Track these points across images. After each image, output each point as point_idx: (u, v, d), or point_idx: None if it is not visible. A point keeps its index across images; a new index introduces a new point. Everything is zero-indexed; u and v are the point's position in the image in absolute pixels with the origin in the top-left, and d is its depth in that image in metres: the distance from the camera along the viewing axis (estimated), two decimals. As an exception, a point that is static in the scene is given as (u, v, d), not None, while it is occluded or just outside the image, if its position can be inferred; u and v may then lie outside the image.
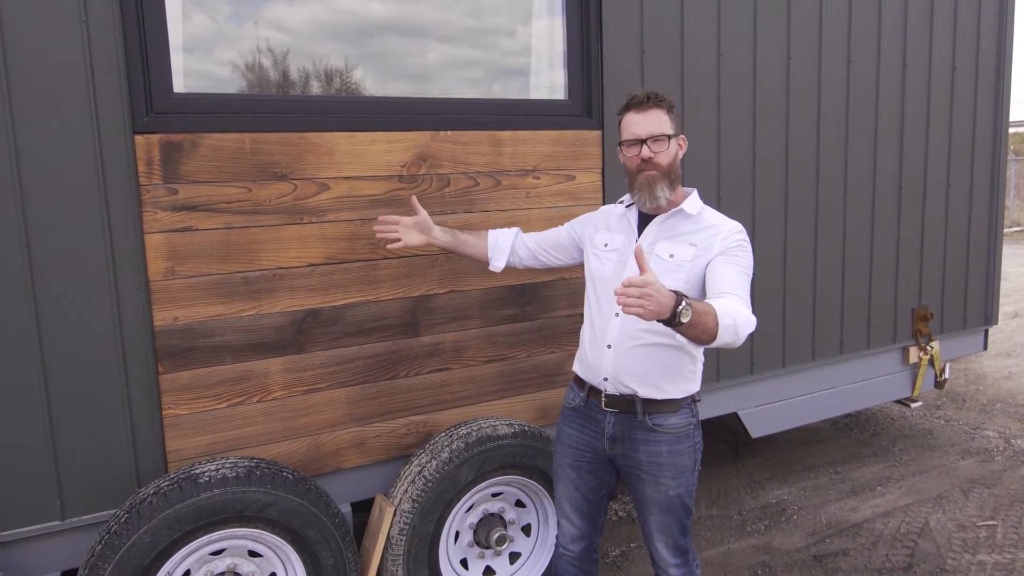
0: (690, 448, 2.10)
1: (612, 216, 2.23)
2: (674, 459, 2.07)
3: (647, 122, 2.03)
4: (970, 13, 3.99)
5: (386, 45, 2.69)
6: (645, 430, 2.07)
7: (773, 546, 3.36)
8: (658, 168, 2.03)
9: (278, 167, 2.38)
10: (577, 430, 2.21)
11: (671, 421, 2.07)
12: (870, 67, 3.66)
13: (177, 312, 2.28)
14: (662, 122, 2.03)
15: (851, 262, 3.74)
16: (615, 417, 2.11)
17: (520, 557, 2.81)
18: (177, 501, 2.11)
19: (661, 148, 2.03)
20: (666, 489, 2.08)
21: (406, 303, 2.63)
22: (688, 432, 2.10)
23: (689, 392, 2.11)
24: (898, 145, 3.83)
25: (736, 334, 1.81)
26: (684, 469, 2.09)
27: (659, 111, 2.04)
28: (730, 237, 2.03)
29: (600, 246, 2.19)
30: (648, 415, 2.06)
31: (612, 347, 2.08)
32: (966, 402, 5.27)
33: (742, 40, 3.25)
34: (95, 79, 2.11)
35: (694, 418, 2.13)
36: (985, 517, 3.56)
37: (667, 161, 2.04)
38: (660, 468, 2.07)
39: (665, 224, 2.09)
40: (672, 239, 2.06)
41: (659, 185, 2.04)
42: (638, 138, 2.04)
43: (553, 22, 2.93)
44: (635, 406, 2.06)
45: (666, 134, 2.03)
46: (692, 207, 2.08)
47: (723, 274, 1.97)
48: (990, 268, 4.34)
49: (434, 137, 2.62)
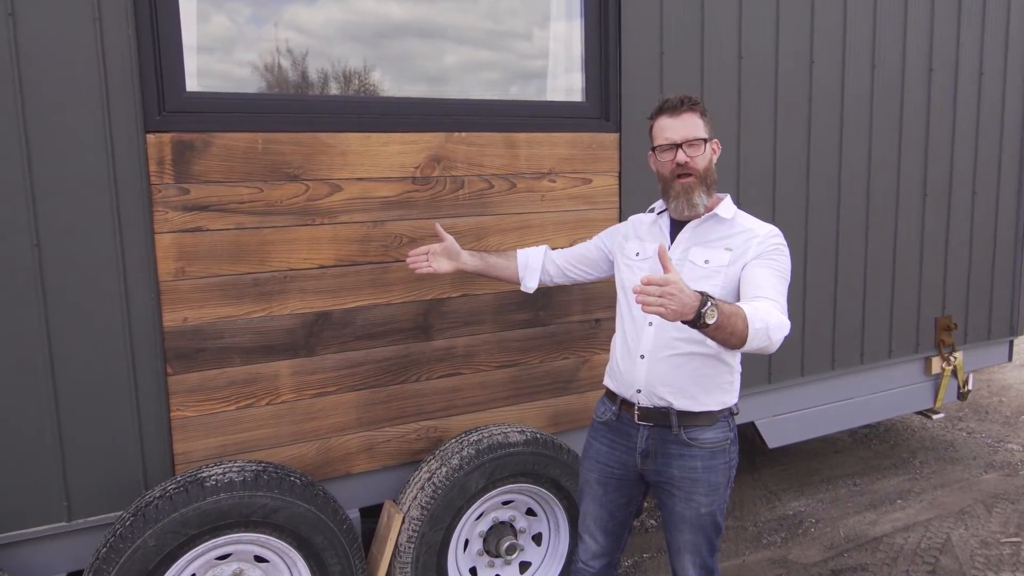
0: (725, 464, 2.03)
1: (643, 225, 2.19)
2: (709, 475, 2.00)
3: (681, 126, 1.98)
4: (999, 16, 3.90)
5: (404, 47, 2.67)
6: (680, 444, 2.01)
7: (789, 559, 3.29)
8: (695, 173, 1.99)
9: (290, 167, 2.36)
10: (607, 445, 2.15)
11: (707, 435, 2.01)
12: (895, 70, 3.59)
13: (187, 313, 2.26)
14: (697, 126, 1.99)
15: (873, 269, 3.66)
16: (648, 431, 2.05)
17: (531, 567, 2.76)
18: (183, 505, 2.08)
19: (697, 152, 1.98)
20: (698, 506, 2.01)
21: (418, 306, 2.60)
22: (724, 447, 2.03)
23: (726, 404, 2.04)
24: (923, 150, 3.75)
25: (768, 338, 1.73)
26: (718, 486, 2.02)
27: (693, 115, 1.99)
28: (767, 241, 1.97)
29: (632, 256, 2.15)
30: (684, 428, 2.00)
31: (646, 357, 2.02)
32: (989, 414, 5.16)
33: (764, 42, 3.19)
34: (107, 77, 2.10)
35: (731, 432, 2.06)
36: (1009, 533, 3.47)
37: (703, 165, 1.99)
38: (694, 484, 2.01)
39: (699, 230, 2.04)
40: (706, 244, 2.01)
41: (696, 192, 1.99)
42: (672, 143, 1.98)
43: (571, 24, 2.89)
44: (670, 419, 2.00)
45: (701, 138, 1.98)
46: (726, 211, 2.03)
47: (757, 277, 1.91)
48: (1016, 277, 4.24)
49: (448, 138, 2.58)
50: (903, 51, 3.59)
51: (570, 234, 2.83)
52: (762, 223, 2.04)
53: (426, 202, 2.56)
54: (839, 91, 3.43)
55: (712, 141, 2.04)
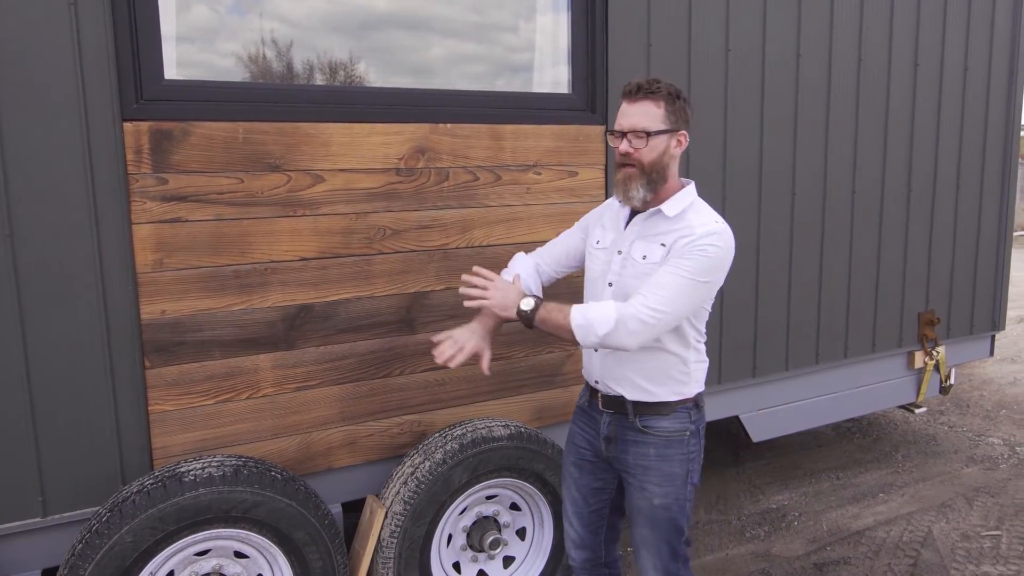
0: (681, 455, 2.00)
1: (610, 210, 2.13)
2: (661, 464, 1.99)
3: (632, 114, 1.88)
4: (984, 13, 3.91)
5: (388, 39, 2.63)
6: (635, 431, 2.02)
7: (773, 553, 3.30)
8: (636, 165, 1.89)
9: (272, 158, 2.32)
10: (581, 429, 2.18)
11: (663, 424, 2.00)
12: (881, 66, 3.59)
13: (165, 305, 2.22)
14: (649, 115, 1.87)
15: (858, 264, 3.67)
16: (610, 417, 2.07)
17: (514, 561, 2.75)
18: (161, 500, 2.05)
19: (641, 144, 1.87)
20: (651, 497, 2.00)
21: (401, 299, 2.57)
22: (681, 438, 2.01)
23: (684, 395, 2.00)
24: (908, 146, 3.76)
25: (594, 334, 1.84)
26: (672, 477, 1.99)
27: (649, 103, 1.87)
28: (697, 241, 1.85)
29: (593, 243, 2.12)
30: (639, 416, 2.01)
31: (598, 350, 2.03)
32: (970, 408, 5.20)
33: (751, 36, 3.18)
34: (83, 63, 2.05)
35: (692, 424, 2.03)
36: (989, 527, 3.50)
37: (649, 159, 1.88)
38: (646, 472, 2.00)
39: (645, 223, 1.98)
40: (648, 239, 1.95)
41: (634, 184, 1.90)
42: (621, 130, 1.90)
43: (557, 17, 2.86)
44: (626, 407, 2.02)
45: (648, 130, 1.86)
46: (672, 208, 1.93)
47: (652, 276, 1.87)
48: (999, 272, 4.27)
49: (433, 130, 2.55)
50: (889, 46, 3.59)
51: (556, 227, 2.80)
52: (706, 219, 1.91)
53: (410, 194, 2.53)
54: (825, 86, 3.43)
55: (673, 133, 1.90)
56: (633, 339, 1.83)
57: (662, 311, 1.82)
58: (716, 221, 1.92)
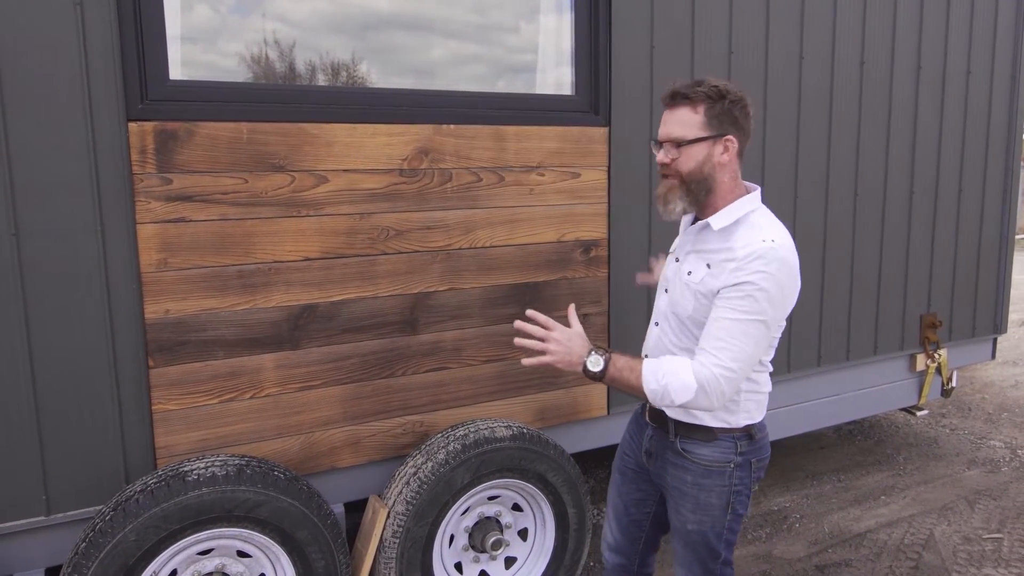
0: (721, 487, 1.85)
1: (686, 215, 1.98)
2: (698, 493, 1.86)
3: (668, 122, 1.79)
4: (986, 16, 3.91)
5: (390, 40, 2.64)
6: (675, 453, 1.90)
7: (774, 555, 3.30)
8: (675, 175, 1.79)
9: (276, 158, 2.32)
10: (630, 435, 2.10)
11: (703, 452, 1.85)
12: (883, 69, 3.59)
13: (169, 305, 2.22)
14: (685, 123, 1.75)
15: (860, 266, 3.67)
16: (653, 431, 1.97)
17: (516, 562, 2.75)
18: (164, 499, 2.05)
19: (675, 155, 1.77)
20: (684, 521, 1.90)
21: (404, 300, 2.57)
22: (723, 469, 1.85)
23: (728, 423, 1.84)
24: (910, 149, 3.76)
25: (669, 399, 1.69)
26: (708, 507, 1.86)
27: (686, 109, 1.76)
28: (741, 269, 1.69)
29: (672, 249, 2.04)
30: (679, 438, 1.88)
31: (648, 356, 1.95)
32: (972, 411, 5.20)
33: (754, 38, 3.19)
34: (89, 64, 2.06)
35: (737, 456, 1.85)
36: (991, 530, 3.50)
37: (686, 169, 1.76)
38: (682, 497, 1.89)
39: (698, 235, 1.86)
40: (697, 254, 1.83)
41: (674, 195, 1.79)
42: (659, 139, 1.82)
43: (560, 18, 2.87)
44: (667, 425, 1.90)
45: (681, 139, 1.75)
46: (720, 220, 1.78)
47: (711, 324, 1.72)
48: (1001, 275, 4.27)
49: (437, 131, 2.56)
50: (892, 49, 3.60)
51: (559, 228, 2.81)
52: (751, 238, 1.73)
53: (413, 195, 2.54)
54: (828, 89, 3.43)
55: (716, 140, 1.76)
56: (715, 403, 1.69)
57: (735, 368, 1.67)
58: (763, 239, 1.71)
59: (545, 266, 2.81)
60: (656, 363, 1.72)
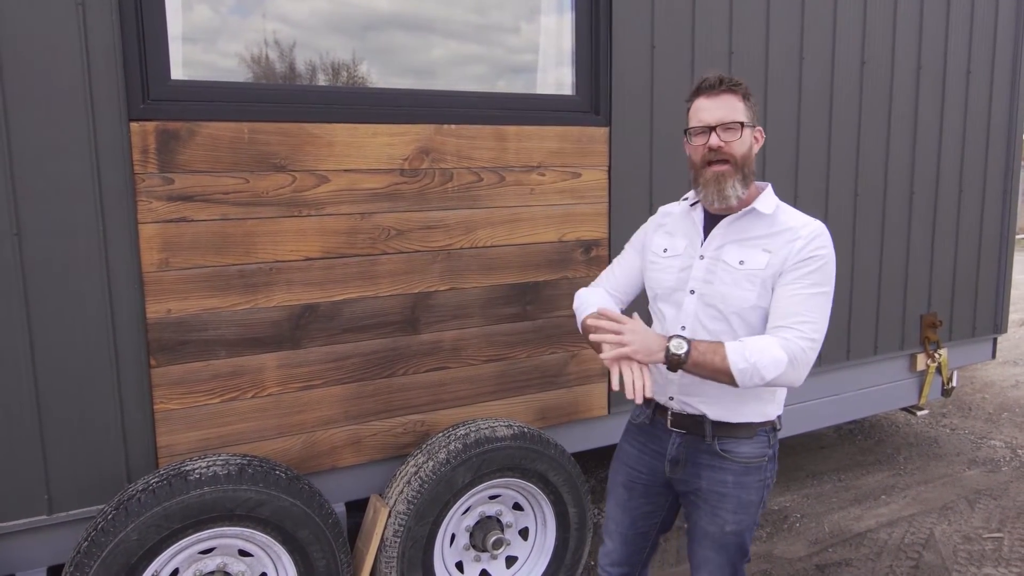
0: (759, 482, 1.88)
1: (671, 216, 2.01)
2: (739, 492, 1.86)
3: (717, 107, 1.79)
4: (987, 16, 3.92)
5: (391, 40, 2.64)
6: (712, 455, 1.87)
7: (775, 554, 3.30)
8: (730, 160, 1.78)
9: (277, 158, 2.33)
10: (638, 449, 2.02)
11: (743, 449, 1.86)
12: (884, 68, 3.59)
13: (170, 305, 2.23)
14: (735, 109, 1.79)
15: (860, 266, 3.67)
16: (680, 438, 1.91)
17: (517, 561, 2.76)
18: (166, 498, 2.06)
19: (733, 137, 1.77)
20: (723, 524, 1.88)
21: (405, 300, 2.58)
22: (761, 464, 1.87)
23: (768, 416, 1.87)
24: (911, 148, 3.76)
25: (762, 378, 1.69)
26: (748, 505, 1.87)
27: (732, 96, 1.80)
28: (807, 246, 1.76)
29: (659, 252, 1.97)
30: (718, 439, 1.86)
31: None
32: (972, 411, 5.20)
33: (754, 38, 3.19)
34: (90, 64, 2.06)
35: (770, 449, 1.89)
36: (991, 529, 3.50)
37: (741, 152, 1.79)
38: (722, 499, 1.87)
39: (735, 225, 1.85)
40: (743, 243, 1.82)
41: (729, 181, 1.79)
42: (706, 125, 1.79)
43: (561, 18, 2.88)
44: (704, 428, 1.86)
45: (739, 121, 1.79)
46: (766, 205, 1.82)
47: (782, 300, 1.75)
48: (1001, 275, 4.27)
49: (438, 131, 2.56)
50: (892, 49, 3.60)
51: (559, 228, 2.82)
52: (805, 220, 1.82)
53: (414, 194, 2.54)
54: (828, 88, 3.44)
55: (755, 128, 1.85)
56: (800, 377, 1.73)
57: (817, 339, 1.73)
58: (813, 220, 1.83)
59: (546, 266, 2.81)
60: (739, 343, 1.72)
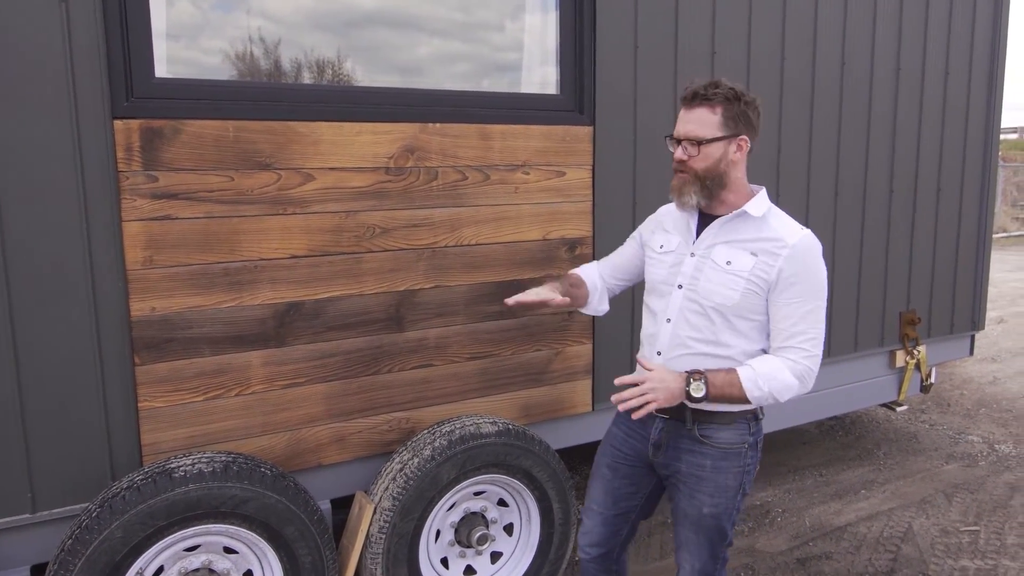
0: (737, 468, 1.97)
1: (670, 216, 2.11)
2: (716, 476, 1.96)
3: (688, 121, 1.90)
4: (965, 18, 3.98)
5: (374, 37, 2.65)
6: (692, 440, 1.97)
7: (756, 548, 3.34)
8: (689, 172, 1.90)
9: (262, 156, 2.33)
10: (624, 431, 2.13)
11: (722, 435, 1.95)
12: (863, 69, 3.64)
13: (155, 302, 2.23)
14: (704, 123, 1.87)
15: (840, 264, 3.72)
16: (663, 423, 2.01)
17: (502, 556, 2.78)
18: (151, 496, 2.06)
19: (692, 153, 1.88)
20: (700, 506, 1.97)
21: (390, 298, 2.59)
22: (739, 451, 1.97)
23: (747, 406, 1.94)
24: (890, 148, 3.82)
25: (774, 399, 1.85)
26: (725, 489, 1.96)
27: (704, 109, 1.87)
28: (796, 257, 1.86)
29: (656, 248, 2.08)
30: (698, 425, 1.95)
31: (662, 354, 2.00)
32: (951, 406, 5.29)
33: (736, 39, 3.22)
34: (73, 61, 2.05)
35: (750, 437, 1.99)
36: (968, 522, 3.56)
37: (702, 167, 1.89)
38: (699, 482, 1.97)
39: (726, 227, 1.95)
40: (732, 244, 1.92)
41: (688, 189, 1.91)
42: (677, 136, 1.92)
43: (545, 17, 2.89)
44: (685, 414, 1.95)
45: (701, 139, 1.87)
46: (756, 208, 1.92)
47: (781, 316, 1.88)
48: (978, 273, 4.34)
49: (423, 129, 2.57)
50: (872, 50, 3.65)
51: (544, 226, 2.84)
52: (794, 227, 1.92)
53: (399, 193, 2.56)
54: (809, 88, 3.48)
55: (732, 139, 1.89)
56: (809, 387, 1.89)
57: (819, 352, 1.87)
58: (802, 228, 1.92)
59: (530, 264, 2.83)
60: (751, 371, 1.85)
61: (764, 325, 1.94)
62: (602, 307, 2.31)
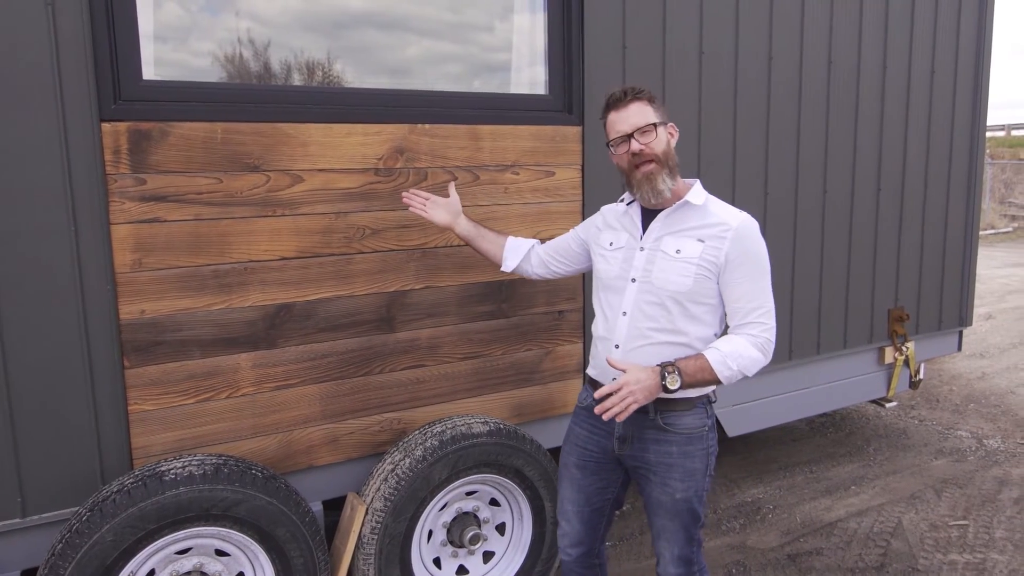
0: (702, 451, 2.05)
1: (614, 215, 2.19)
2: (684, 461, 2.03)
3: (630, 116, 1.99)
4: (950, 17, 4.01)
5: (364, 39, 2.65)
6: (656, 429, 2.03)
7: (748, 545, 3.36)
8: (654, 158, 1.97)
9: (250, 158, 2.33)
10: (587, 429, 2.17)
11: (684, 421, 2.03)
12: (850, 68, 3.67)
13: (144, 305, 2.22)
14: (645, 113, 1.99)
15: (829, 262, 3.75)
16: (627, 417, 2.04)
17: (494, 556, 2.79)
18: (141, 499, 2.06)
19: (650, 138, 1.97)
20: (673, 492, 2.03)
21: (381, 298, 2.59)
22: (702, 434, 2.05)
23: (704, 391, 2.05)
24: (877, 147, 3.84)
25: (743, 375, 1.93)
26: (694, 472, 2.03)
27: (639, 103, 1.99)
28: (741, 237, 1.96)
29: (606, 246, 2.15)
30: (660, 414, 2.02)
31: (620, 347, 2.04)
32: (940, 402, 5.32)
33: (724, 39, 3.24)
34: (61, 64, 2.05)
35: (709, 420, 2.08)
36: (957, 517, 3.59)
37: (661, 149, 1.98)
38: (669, 469, 2.03)
39: (671, 218, 2.03)
40: (678, 234, 2.01)
41: (659, 177, 1.98)
42: (624, 134, 1.99)
43: (534, 17, 2.90)
44: (647, 405, 1.99)
45: (651, 123, 1.98)
46: (697, 197, 2.02)
47: (735, 294, 1.98)
48: (966, 270, 4.38)
49: (412, 130, 2.58)
50: (858, 49, 3.68)
51: (533, 226, 2.85)
52: (733, 212, 2.03)
53: (389, 194, 2.56)
54: (797, 87, 3.50)
55: (668, 125, 2.04)
56: (770, 356, 2.00)
57: (774, 322, 2.00)
58: (740, 212, 2.03)
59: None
60: (717, 352, 1.92)
61: (716, 308, 2.03)
62: (509, 262, 2.40)
